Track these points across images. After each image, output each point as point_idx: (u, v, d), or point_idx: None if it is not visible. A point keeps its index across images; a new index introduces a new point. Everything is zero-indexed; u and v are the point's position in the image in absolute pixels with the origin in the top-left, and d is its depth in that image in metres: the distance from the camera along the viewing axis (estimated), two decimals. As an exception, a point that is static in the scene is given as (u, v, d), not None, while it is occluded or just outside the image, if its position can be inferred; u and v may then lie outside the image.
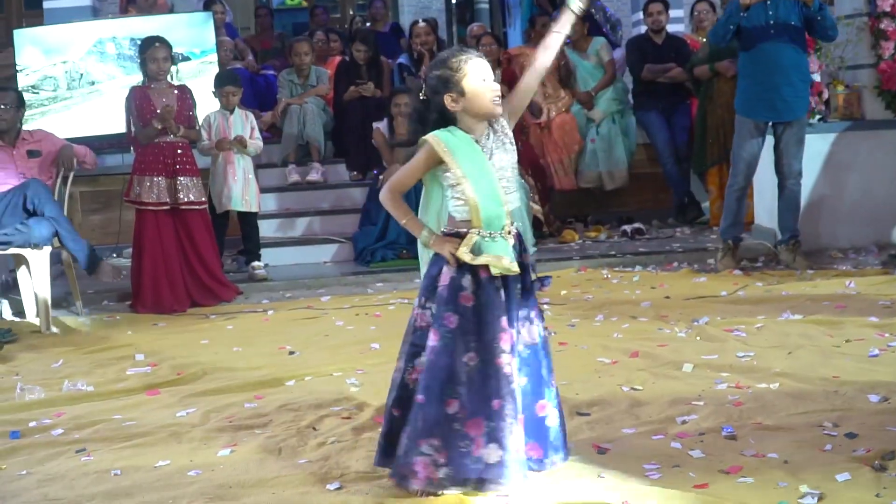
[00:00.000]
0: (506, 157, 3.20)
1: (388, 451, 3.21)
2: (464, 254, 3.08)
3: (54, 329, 6.38)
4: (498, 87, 3.16)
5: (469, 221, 3.13)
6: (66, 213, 6.88)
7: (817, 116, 7.66)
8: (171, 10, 10.76)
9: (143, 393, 4.72)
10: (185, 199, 6.97)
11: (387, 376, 4.59)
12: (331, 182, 9.12)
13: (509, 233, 3.16)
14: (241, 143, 7.42)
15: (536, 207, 8.24)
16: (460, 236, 3.12)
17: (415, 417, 3.08)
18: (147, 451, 3.81)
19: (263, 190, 8.25)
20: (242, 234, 7.73)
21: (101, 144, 8.87)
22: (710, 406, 3.96)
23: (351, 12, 15.51)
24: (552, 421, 3.23)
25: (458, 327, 3.07)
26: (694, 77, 8.79)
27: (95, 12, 10.10)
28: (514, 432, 3.06)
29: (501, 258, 3.08)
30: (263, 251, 7.83)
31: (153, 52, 6.94)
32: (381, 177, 8.05)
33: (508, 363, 3.08)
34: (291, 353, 5.39)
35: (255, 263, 7.62)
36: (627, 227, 8.66)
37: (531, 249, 3.30)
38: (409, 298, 6.70)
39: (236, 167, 7.46)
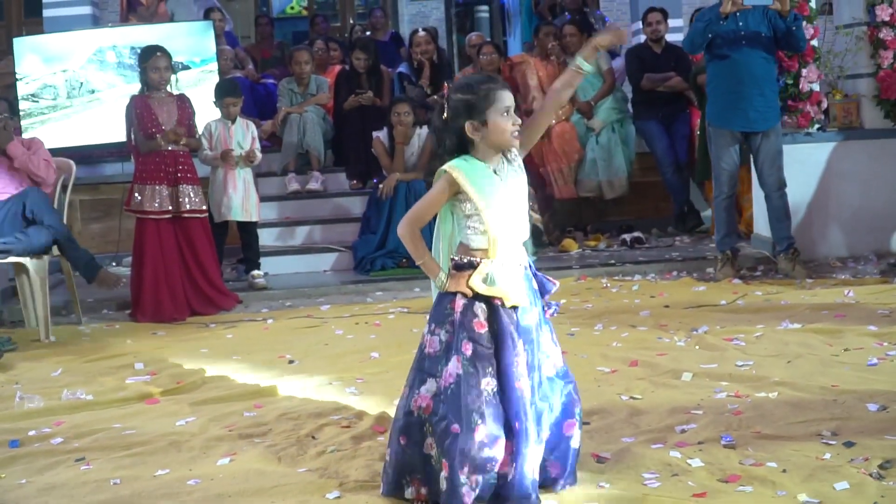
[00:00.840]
0: (519, 184, 3.22)
1: (397, 482, 3.21)
2: (476, 284, 3.09)
3: (53, 338, 6.38)
4: (519, 121, 3.16)
5: (484, 251, 3.13)
6: (65, 221, 6.88)
7: (816, 126, 7.68)
8: (171, 19, 10.80)
9: (142, 402, 4.73)
10: (187, 208, 6.98)
11: (386, 385, 4.66)
12: (330, 191, 9.14)
13: (517, 263, 3.16)
14: (248, 159, 7.45)
15: (536, 217, 8.25)
16: (473, 266, 3.12)
17: (452, 448, 3.03)
18: (147, 460, 3.81)
19: (263, 199, 8.26)
20: (242, 243, 7.74)
21: (101, 153, 8.89)
22: (710, 415, 3.96)
23: (351, 21, 15.52)
24: (575, 443, 3.25)
25: (473, 354, 3.08)
26: (697, 86, 8.80)
27: (95, 20, 10.13)
28: (532, 454, 3.08)
29: (508, 293, 3.09)
30: (263, 260, 7.84)
31: (154, 62, 6.94)
32: (380, 185, 8.07)
33: (527, 387, 3.09)
34: (291, 361, 5.40)
35: (255, 272, 7.63)
36: (627, 236, 8.67)
37: (530, 259, 3.30)
38: (409, 307, 6.72)
39: (236, 177, 7.48)
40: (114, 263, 8.42)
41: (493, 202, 3.12)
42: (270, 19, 12.83)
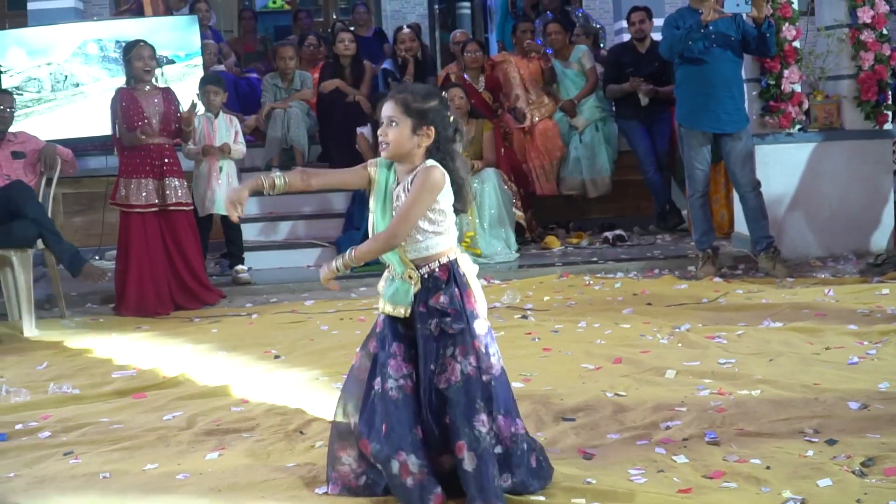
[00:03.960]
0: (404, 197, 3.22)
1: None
2: (379, 287, 3.29)
3: (37, 332, 6.38)
4: (383, 136, 3.20)
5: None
6: (49, 214, 6.88)
7: (797, 126, 7.74)
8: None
9: (128, 396, 4.74)
10: (173, 201, 6.99)
11: (372, 381, 4.68)
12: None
13: (410, 277, 3.18)
14: (224, 151, 7.45)
15: (519, 213, 8.29)
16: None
17: (332, 432, 3.32)
18: (135, 455, 3.83)
19: (247, 193, 8.24)
20: (226, 237, 7.75)
21: (84, 146, 8.88)
22: (693, 412, 4.00)
23: (334, 16, 15.52)
24: (469, 465, 3.08)
25: (374, 352, 3.24)
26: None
27: (79, 14, 10.11)
28: (403, 455, 3.10)
29: (385, 303, 3.23)
30: (246, 255, 7.85)
31: (139, 51, 6.96)
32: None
33: (394, 388, 3.15)
34: (277, 356, 5.42)
35: (239, 267, 7.65)
36: (609, 234, 8.73)
37: (512, 255, 3.39)
38: (394, 303, 6.73)
39: (220, 171, 7.48)
40: (96, 257, 8.42)
41: (378, 210, 3.26)
42: (254, 13, 12.80)
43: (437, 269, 3.19)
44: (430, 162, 3.19)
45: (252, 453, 3.78)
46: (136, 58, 6.95)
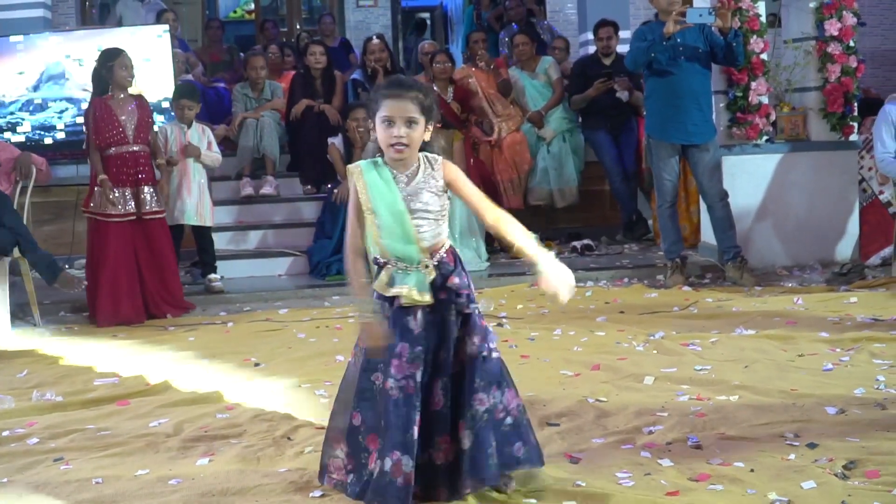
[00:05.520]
0: (433, 199, 3.26)
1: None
2: (381, 286, 3.23)
3: (14, 340, 6.36)
4: (397, 135, 3.18)
5: (383, 255, 3.26)
6: (24, 222, 6.86)
7: (764, 137, 7.87)
8: (119, 23, 10.79)
9: (112, 403, 4.75)
10: (150, 209, 6.99)
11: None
12: (284, 196, 9.18)
13: (426, 266, 3.23)
14: (192, 153, 7.46)
15: (489, 223, 8.33)
16: (380, 266, 3.26)
17: (329, 427, 3.35)
18: (125, 461, 3.85)
19: (217, 202, 8.27)
20: (198, 246, 7.76)
21: (53, 155, 8.84)
22: (675, 417, 4.08)
23: (298, 27, 15.52)
24: (466, 442, 3.21)
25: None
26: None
27: (48, 24, 10.07)
28: (398, 454, 3.13)
29: (411, 290, 3.19)
30: (218, 263, 7.85)
31: (122, 60, 6.95)
32: (335, 191, 8.12)
33: (395, 388, 3.17)
34: (257, 364, 5.45)
35: (212, 276, 7.66)
36: (577, 244, 8.81)
37: (483, 264, 3.41)
38: (368, 312, 6.77)
39: (191, 181, 7.51)
40: (67, 266, 8.37)
41: (381, 207, 3.22)
42: (221, 23, 12.80)
43: (444, 255, 3.27)
44: (433, 156, 3.28)
45: (242, 459, 3.81)
46: (121, 66, 6.93)
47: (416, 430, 3.17)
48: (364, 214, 3.25)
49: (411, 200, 3.23)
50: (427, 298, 3.21)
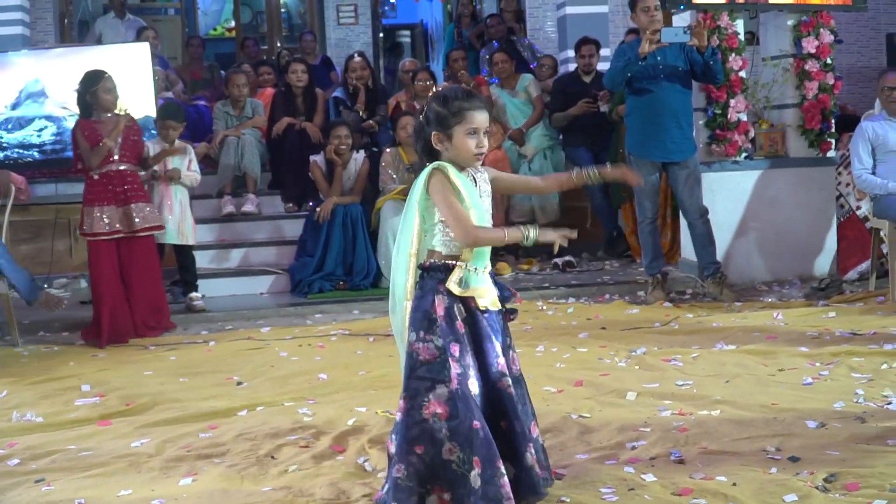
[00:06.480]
0: (488, 198, 3.35)
1: (420, 494, 3.18)
2: (454, 286, 3.19)
3: (-5, 359, 6.35)
4: (485, 144, 3.27)
5: (456, 256, 3.24)
6: (3, 241, 6.84)
7: (743, 154, 7.92)
8: (99, 41, 10.77)
9: (94, 423, 4.74)
10: (143, 226, 6.96)
11: (339, 406, 4.74)
12: (265, 214, 9.18)
13: (486, 269, 3.28)
14: (174, 177, 7.46)
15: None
16: (448, 269, 3.22)
17: (479, 444, 3.12)
18: (108, 481, 3.84)
19: (198, 221, 8.21)
20: (179, 265, 7.73)
21: (33, 173, 8.83)
22: (657, 432, 4.11)
23: (278, 44, 15.53)
24: (541, 440, 3.40)
25: (461, 355, 3.18)
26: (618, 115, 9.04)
27: (27, 41, 10.06)
28: (526, 450, 3.20)
29: (487, 293, 3.22)
30: (199, 282, 7.83)
31: (105, 84, 6.93)
32: (317, 209, 8.12)
33: (510, 385, 3.22)
34: (239, 383, 5.44)
35: (193, 295, 7.64)
36: (559, 260, 8.82)
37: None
38: (350, 330, 6.78)
39: (173, 200, 7.48)
40: (45, 286, 8.34)
41: (473, 205, 3.24)
42: (202, 41, 12.79)
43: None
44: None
45: (225, 478, 3.81)
46: (105, 91, 6.91)
47: None
48: (458, 205, 3.22)
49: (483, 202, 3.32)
50: (498, 304, 3.29)
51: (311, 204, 8.49)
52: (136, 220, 6.95)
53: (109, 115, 7.02)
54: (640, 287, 7.69)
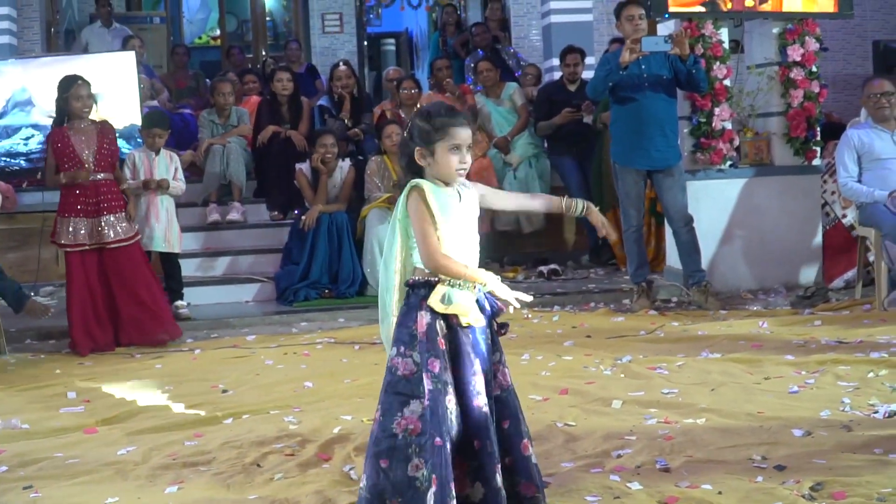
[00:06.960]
0: (473, 211, 3.33)
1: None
2: (436, 303, 3.18)
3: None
4: (468, 160, 3.25)
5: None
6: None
7: (728, 162, 7.94)
8: (85, 50, 10.75)
9: (80, 431, 4.73)
10: (112, 238, 6.90)
11: (324, 414, 4.74)
12: (251, 222, 9.17)
13: (473, 285, 3.25)
14: (162, 186, 7.44)
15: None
16: (431, 286, 3.21)
17: (439, 462, 3.09)
18: (95, 489, 3.84)
19: (183, 229, 8.19)
20: (165, 273, 7.70)
21: (19, 182, 8.80)
22: (643, 440, 4.12)
23: (263, 52, 15.52)
24: (533, 459, 3.30)
25: (440, 371, 3.15)
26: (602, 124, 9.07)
27: (15, 50, 10.04)
28: (496, 471, 3.14)
29: (468, 311, 3.18)
30: (185, 290, 7.82)
31: (77, 90, 6.81)
32: (302, 217, 8.11)
33: (485, 404, 3.16)
34: (224, 391, 5.43)
35: (179, 303, 7.62)
36: (544, 268, 8.85)
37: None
38: (336, 338, 6.78)
39: (159, 208, 7.47)
40: (33, 294, 8.31)
41: (450, 221, 3.22)
42: (187, 49, 12.79)
43: None
44: (462, 180, 3.32)
45: (211, 486, 3.82)
46: (75, 98, 6.81)
47: None
48: (428, 229, 3.21)
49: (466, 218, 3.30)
50: (480, 322, 3.23)
51: (296, 212, 8.49)
52: (108, 232, 6.89)
53: (84, 123, 6.91)
54: (626, 295, 7.70)
